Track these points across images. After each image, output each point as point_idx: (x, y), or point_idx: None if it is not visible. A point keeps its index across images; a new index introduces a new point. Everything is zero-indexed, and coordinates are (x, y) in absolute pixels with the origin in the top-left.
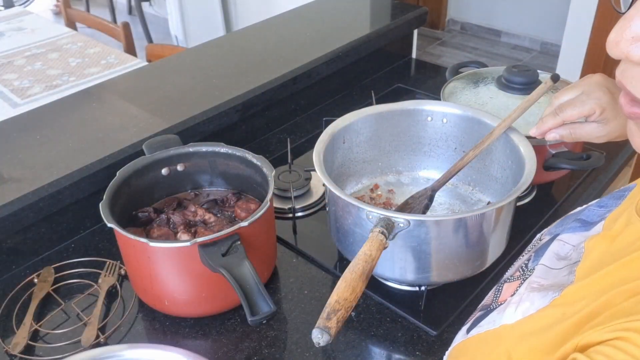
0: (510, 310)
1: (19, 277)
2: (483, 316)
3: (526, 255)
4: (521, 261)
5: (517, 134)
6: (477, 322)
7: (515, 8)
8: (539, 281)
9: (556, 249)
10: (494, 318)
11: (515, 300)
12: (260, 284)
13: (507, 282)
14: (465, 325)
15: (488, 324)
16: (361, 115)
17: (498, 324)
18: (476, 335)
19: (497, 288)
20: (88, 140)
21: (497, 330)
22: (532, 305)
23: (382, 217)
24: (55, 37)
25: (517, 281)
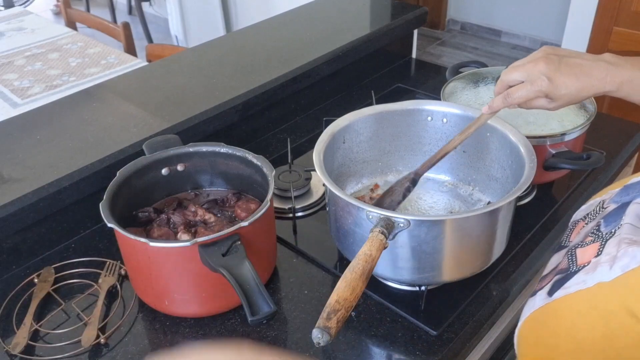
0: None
1: (19, 277)
2: (565, 279)
3: (592, 222)
4: (587, 229)
5: (516, 134)
6: (560, 285)
7: (515, 8)
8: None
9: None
10: (582, 278)
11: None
12: (260, 284)
13: (579, 247)
14: (542, 290)
15: (577, 284)
16: (361, 115)
17: (591, 283)
18: (565, 297)
19: (570, 254)
20: (88, 140)
21: (591, 289)
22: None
23: (382, 217)
24: (55, 37)
25: (595, 244)
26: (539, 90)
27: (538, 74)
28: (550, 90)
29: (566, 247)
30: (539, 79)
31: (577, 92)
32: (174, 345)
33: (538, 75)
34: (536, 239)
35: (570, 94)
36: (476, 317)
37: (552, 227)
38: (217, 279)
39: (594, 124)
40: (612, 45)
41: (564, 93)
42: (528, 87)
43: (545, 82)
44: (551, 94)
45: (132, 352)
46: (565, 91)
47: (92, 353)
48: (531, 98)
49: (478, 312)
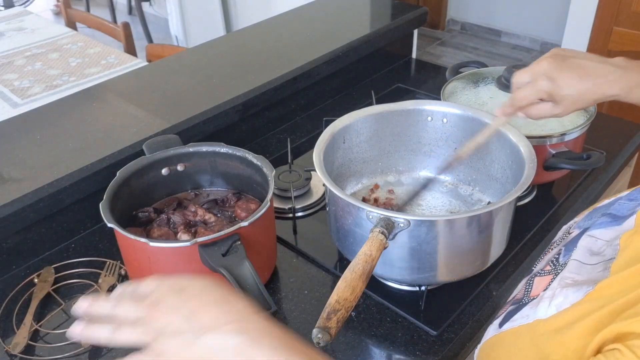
0: (543, 305)
1: (19, 277)
2: (515, 310)
3: (556, 249)
4: (551, 255)
5: (517, 134)
6: (510, 317)
7: (515, 8)
8: (572, 277)
9: (588, 245)
10: (527, 312)
11: (548, 295)
12: (260, 284)
13: (538, 276)
14: (497, 319)
15: (521, 318)
16: (361, 115)
17: (532, 319)
18: (509, 330)
19: (528, 282)
20: (88, 140)
21: (531, 325)
22: (566, 299)
23: (382, 217)
24: (55, 37)
25: (549, 276)
26: (540, 89)
27: (540, 73)
28: (552, 89)
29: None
30: (541, 78)
31: (581, 94)
32: None
33: (540, 74)
34: (536, 239)
35: (573, 96)
36: (476, 317)
37: (552, 227)
38: (217, 279)
39: (594, 124)
40: (612, 46)
41: (567, 94)
42: (530, 87)
43: (546, 82)
44: (553, 94)
45: None
46: (567, 91)
47: (92, 353)
48: (533, 99)
49: (478, 312)
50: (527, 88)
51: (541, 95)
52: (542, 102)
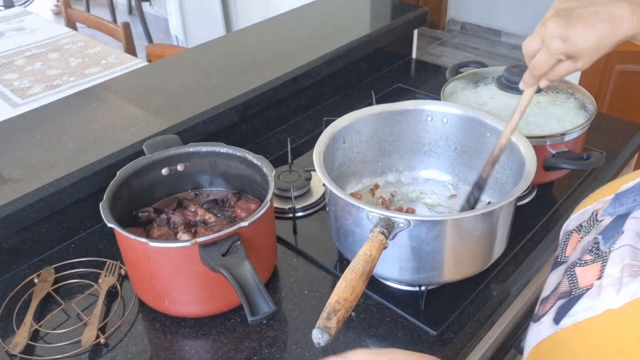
0: (608, 294)
1: (19, 277)
2: (569, 304)
3: (588, 238)
4: (583, 244)
5: (517, 134)
6: (565, 311)
7: (515, 8)
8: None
9: (635, 228)
10: (588, 304)
11: (608, 282)
12: (260, 284)
13: (577, 266)
14: (546, 316)
15: (584, 311)
16: (361, 115)
17: (599, 310)
18: (573, 325)
19: (569, 273)
20: (88, 140)
21: (601, 316)
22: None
23: (382, 217)
24: (55, 37)
25: (595, 264)
26: (556, 52)
27: (550, 36)
28: (568, 49)
29: (564, 264)
30: (553, 41)
31: (599, 42)
32: (174, 345)
33: (550, 38)
34: (536, 239)
35: (591, 46)
36: (476, 317)
37: (552, 227)
38: (217, 279)
39: (594, 124)
40: None
41: (584, 47)
42: (544, 53)
43: (558, 43)
44: (571, 52)
45: (132, 352)
46: (584, 45)
47: (92, 353)
48: (552, 63)
49: (478, 312)
50: (542, 54)
51: (558, 57)
52: (561, 62)
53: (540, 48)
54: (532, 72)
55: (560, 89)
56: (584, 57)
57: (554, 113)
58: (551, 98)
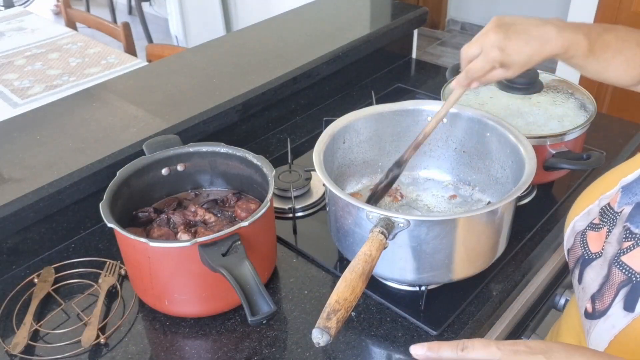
0: None
1: (19, 277)
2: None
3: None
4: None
5: (516, 134)
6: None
7: (515, 8)
8: None
9: None
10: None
11: None
12: (260, 284)
13: (622, 255)
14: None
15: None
16: (361, 115)
17: None
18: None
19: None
20: (88, 140)
21: None
22: None
23: (382, 217)
24: (55, 37)
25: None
26: (493, 60)
27: (490, 45)
28: (503, 58)
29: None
30: (491, 50)
31: (529, 57)
32: (174, 345)
33: (490, 47)
34: (536, 239)
35: (522, 59)
36: (476, 317)
37: (552, 227)
38: (217, 279)
39: (594, 124)
40: None
41: (517, 59)
42: (482, 58)
43: (496, 52)
44: (505, 62)
45: (132, 352)
46: (517, 57)
47: (92, 353)
48: (487, 69)
49: (478, 312)
50: (480, 60)
51: (494, 64)
52: (494, 69)
53: (479, 54)
54: (468, 74)
55: (560, 89)
56: (515, 67)
57: (554, 113)
58: (551, 98)
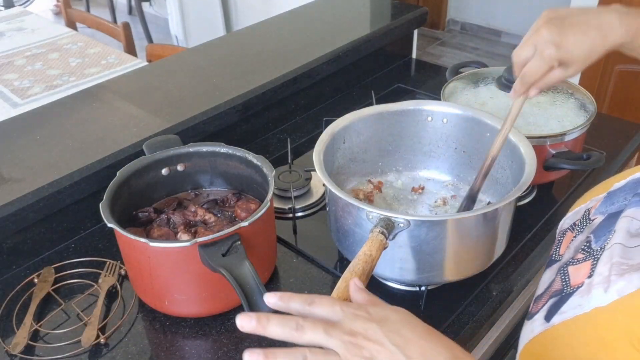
0: (597, 292)
1: (19, 277)
2: (560, 302)
3: (581, 237)
4: (576, 243)
5: (517, 134)
6: (556, 309)
7: (515, 8)
8: (625, 262)
9: (626, 226)
10: (577, 302)
11: (598, 281)
12: (260, 284)
13: (570, 265)
14: (538, 314)
15: (573, 309)
16: (361, 115)
17: (588, 308)
18: (562, 323)
19: (562, 272)
20: (88, 140)
21: (589, 314)
22: (631, 283)
23: (382, 217)
24: (55, 37)
25: (587, 262)
26: (550, 58)
27: (544, 42)
28: (561, 55)
29: (557, 262)
30: (547, 47)
31: (590, 49)
32: (174, 345)
33: (544, 44)
34: (536, 239)
35: (583, 53)
36: (476, 317)
37: (552, 228)
38: (217, 279)
39: (594, 124)
40: None
41: (577, 54)
42: (537, 60)
43: (552, 50)
44: (563, 59)
45: (132, 352)
46: (577, 51)
47: (92, 353)
48: (545, 70)
49: (478, 312)
50: (535, 61)
51: (552, 63)
52: (553, 69)
53: (532, 56)
54: (524, 79)
55: (560, 89)
56: (575, 64)
57: (554, 113)
58: (551, 98)
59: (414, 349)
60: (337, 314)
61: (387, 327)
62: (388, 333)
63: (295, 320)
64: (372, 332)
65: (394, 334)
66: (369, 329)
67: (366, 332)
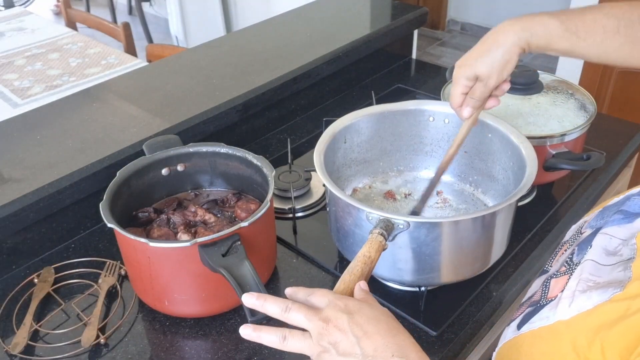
0: (563, 306)
1: (19, 277)
2: (533, 312)
3: (569, 250)
4: (565, 255)
5: (518, 135)
6: (528, 318)
7: (515, 8)
8: (593, 279)
9: (603, 244)
10: (546, 314)
11: (566, 295)
12: (260, 284)
13: (554, 277)
14: (514, 321)
15: (541, 320)
16: (362, 115)
17: (552, 320)
18: (529, 332)
19: (545, 284)
20: (88, 140)
21: (552, 326)
22: (589, 300)
23: (382, 219)
24: (55, 37)
25: (565, 276)
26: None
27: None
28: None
29: (546, 273)
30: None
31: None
32: (174, 345)
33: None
34: (536, 240)
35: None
36: (476, 317)
37: (552, 228)
38: (217, 279)
39: (594, 124)
40: None
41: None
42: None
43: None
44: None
45: (132, 352)
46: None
47: (92, 353)
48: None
49: (478, 312)
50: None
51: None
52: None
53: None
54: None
55: (560, 89)
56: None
57: (554, 113)
58: (551, 99)
59: (369, 343)
60: (323, 302)
61: (355, 319)
62: (352, 325)
63: (286, 303)
64: (341, 321)
65: (357, 326)
66: (339, 318)
67: (337, 320)
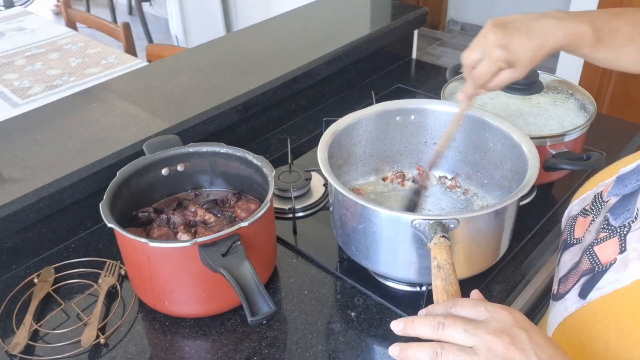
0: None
1: (19, 277)
2: (594, 279)
3: (598, 219)
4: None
5: (519, 134)
6: (591, 286)
7: (515, 8)
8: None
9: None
10: (615, 277)
11: (634, 256)
12: (260, 284)
13: (595, 245)
14: (570, 293)
15: (611, 284)
16: (363, 114)
17: (627, 282)
18: (601, 298)
19: (588, 253)
20: (88, 140)
21: (629, 287)
22: None
23: (433, 223)
24: (55, 37)
25: (613, 240)
26: (498, 60)
27: (491, 45)
28: (508, 56)
29: (576, 245)
30: (494, 50)
31: (535, 52)
32: (174, 345)
33: (492, 47)
34: (536, 240)
35: (528, 55)
36: None
37: (552, 228)
38: (217, 279)
39: (594, 124)
40: None
41: (522, 55)
42: (486, 61)
43: (500, 51)
44: (510, 60)
45: (132, 352)
46: (522, 53)
47: (92, 353)
48: (494, 71)
49: None
50: (484, 63)
51: (500, 64)
52: (501, 71)
53: (481, 59)
54: (475, 80)
55: (560, 89)
56: (522, 65)
57: (554, 113)
58: (551, 99)
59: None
60: (482, 313)
61: (533, 338)
62: (534, 345)
63: (437, 319)
64: (519, 338)
65: (539, 347)
66: (516, 334)
67: (514, 336)
